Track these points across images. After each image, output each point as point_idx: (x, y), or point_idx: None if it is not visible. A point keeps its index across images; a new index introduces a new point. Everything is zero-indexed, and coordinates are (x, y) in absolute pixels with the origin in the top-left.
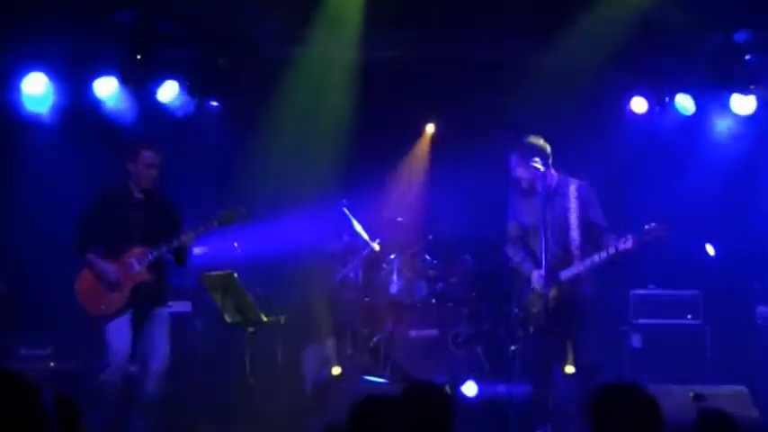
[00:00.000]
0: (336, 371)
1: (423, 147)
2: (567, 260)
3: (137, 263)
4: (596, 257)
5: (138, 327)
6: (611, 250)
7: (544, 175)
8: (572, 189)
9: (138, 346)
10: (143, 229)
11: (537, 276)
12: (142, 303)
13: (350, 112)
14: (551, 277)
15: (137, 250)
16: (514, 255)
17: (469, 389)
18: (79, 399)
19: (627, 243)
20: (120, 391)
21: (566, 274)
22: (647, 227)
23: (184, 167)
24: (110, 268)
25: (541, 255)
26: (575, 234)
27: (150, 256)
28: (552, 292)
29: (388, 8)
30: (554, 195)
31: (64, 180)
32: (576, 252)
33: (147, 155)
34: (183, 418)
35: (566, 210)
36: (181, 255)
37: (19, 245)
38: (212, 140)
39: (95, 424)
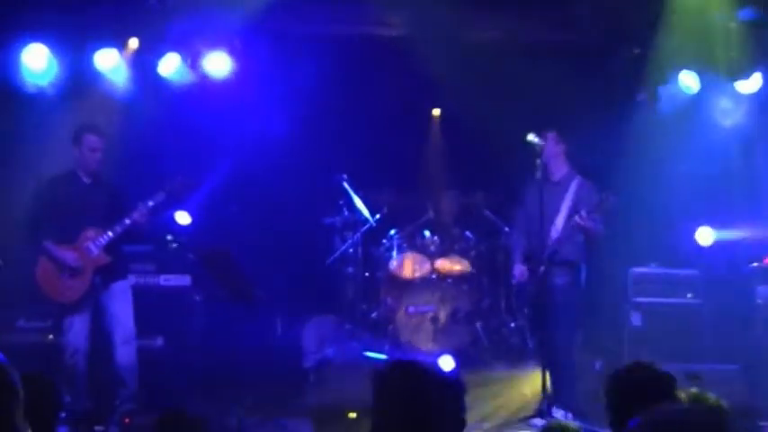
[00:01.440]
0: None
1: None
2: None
3: (94, 246)
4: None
5: (99, 304)
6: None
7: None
8: (573, 184)
9: (101, 321)
10: (94, 212)
11: (518, 270)
12: (101, 281)
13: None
14: (536, 257)
15: (90, 233)
16: (513, 241)
17: (446, 363)
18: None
19: (578, 217)
20: (86, 373)
21: (545, 253)
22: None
23: (183, 141)
24: (68, 254)
25: (536, 239)
26: (560, 219)
27: (106, 238)
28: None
29: None
30: (556, 185)
31: (64, 153)
32: (554, 235)
33: (91, 139)
34: (180, 390)
35: (561, 200)
36: (136, 233)
37: (19, 219)
38: (212, 114)
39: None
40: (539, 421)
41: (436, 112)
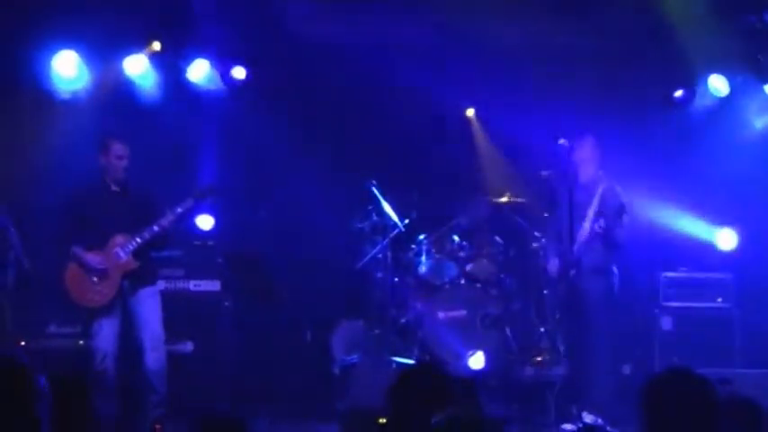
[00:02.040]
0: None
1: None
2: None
3: (122, 252)
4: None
5: (128, 309)
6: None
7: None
8: (600, 188)
9: (131, 327)
10: (123, 218)
11: (552, 264)
12: (129, 286)
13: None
14: (566, 260)
15: (119, 239)
16: (548, 241)
17: (477, 361)
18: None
19: (597, 225)
20: (116, 378)
21: (571, 258)
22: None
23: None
24: (96, 259)
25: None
26: (586, 224)
27: (134, 244)
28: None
29: None
30: (584, 188)
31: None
32: (581, 239)
33: (117, 146)
34: (209, 395)
35: (588, 204)
36: (163, 239)
37: (49, 226)
38: (241, 119)
39: (101, 406)
40: (569, 426)
41: (470, 112)
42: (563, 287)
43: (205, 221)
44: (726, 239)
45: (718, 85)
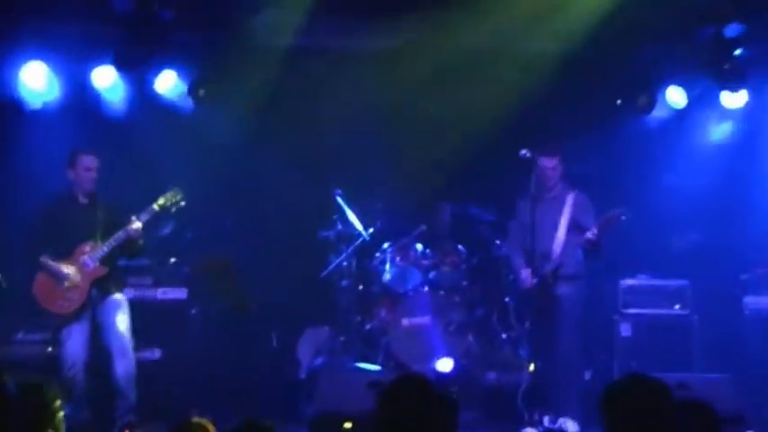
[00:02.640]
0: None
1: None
2: (549, 257)
3: (90, 260)
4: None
5: (96, 317)
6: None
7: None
8: (569, 198)
9: (99, 334)
10: (91, 228)
11: (525, 274)
12: (97, 294)
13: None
14: (537, 271)
15: (86, 248)
16: (510, 251)
17: (445, 365)
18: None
19: (591, 233)
20: (84, 384)
21: (548, 267)
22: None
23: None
24: (63, 268)
25: (537, 252)
26: (560, 233)
27: (101, 252)
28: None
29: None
30: (554, 201)
31: (60, 172)
32: (557, 249)
33: (86, 159)
34: (177, 401)
35: (559, 214)
36: (132, 246)
37: (18, 235)
38: (208, 130)
39: (70, 413)
40: (530, 430)
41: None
42: (536, 295)
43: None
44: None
45: (675, 97)
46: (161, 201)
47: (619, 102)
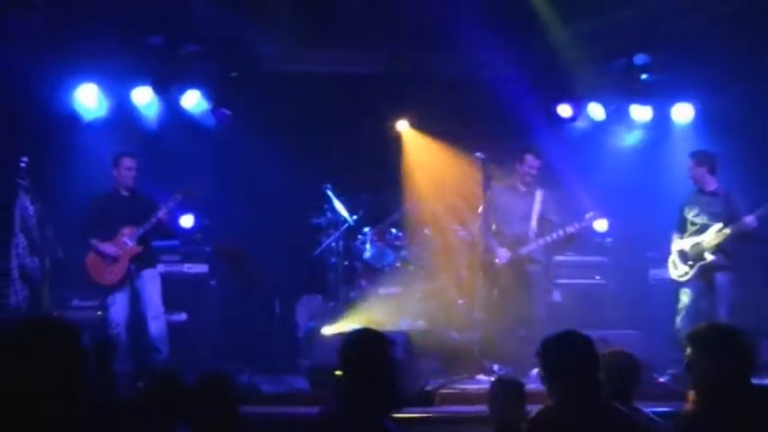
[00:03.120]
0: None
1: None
2: (524, 241)
3: (129, 240)
4: (549, 237)
5: (134, 287)
6: (561, 232)
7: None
8: (538, 194)
9: (137, 300)
10: (129, 215)
11: (502, 252)
12: (135, 268)
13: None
14: (513, 252)
15: (126, 230)
16: (484, 234)
17: (416, 326)
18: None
19: (572, 227)
20: (126, 341)
21: (524, 250)
22: (586, 215)
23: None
24: (108, 248)
25: (511, 237)
26: (533, 224)
27: (138, 233)
28: (512, 265)
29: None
30: (527, 195)
31: (107, 171)
32: (532, 236)
33: (127, 160)
34: (200, 356)
35: (530, 205)
36: (163, 229)
37: (74, 223)
38: (224, 139)
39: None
40: (483, 377)
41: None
42: (509, 271)
43: (187, 221)
44: (601, 225)
45: (595, 111)
46: (183, 190)
47: (552, 113)
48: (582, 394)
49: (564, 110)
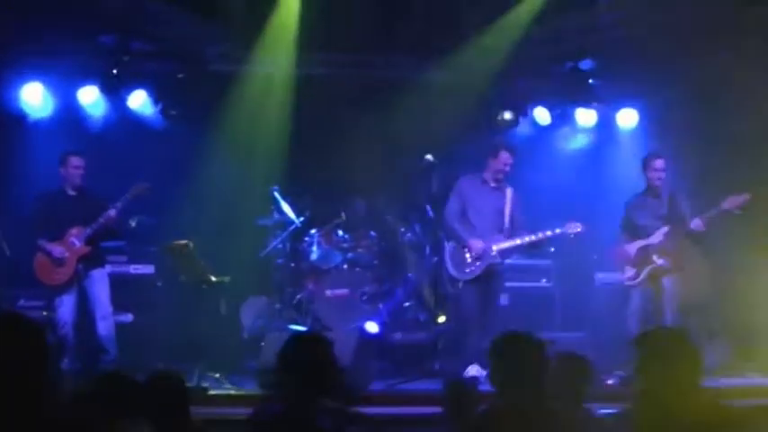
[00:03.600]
0: None
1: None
2: (498, 236)
3: (77, 240)
4: (528, 238)
5: (82, 287)
6: (541, 235)
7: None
8: (508, 191)
9: (85, 301)
10: (77, 215)
11: (476, 243)
12: (83, 268)
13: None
14: (485, 244)
15: (74, 231)
16: (456, 227)
17: (372, 327)
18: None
19: (552, 231)
20: (75, 341)
21: (498, 246)
22: (571, 227)
23: (148, 163)
24: (56, 248)
25: (483, 230)
26: (506, 220)
27: (86, 233)
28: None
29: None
30: (497, 190)
31: (53, 170)
32: (506, 233)
33: (74, 159)
34: (146, 357)
35: (501, 202)
36: (113, 229)
37: (20, 223)
38: (171, 139)
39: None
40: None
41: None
42: (476, 285)
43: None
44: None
45: (541, 115)
46: (131, 192)
47: (498, 118)
48: (530, 395)
49: (506, 115)
